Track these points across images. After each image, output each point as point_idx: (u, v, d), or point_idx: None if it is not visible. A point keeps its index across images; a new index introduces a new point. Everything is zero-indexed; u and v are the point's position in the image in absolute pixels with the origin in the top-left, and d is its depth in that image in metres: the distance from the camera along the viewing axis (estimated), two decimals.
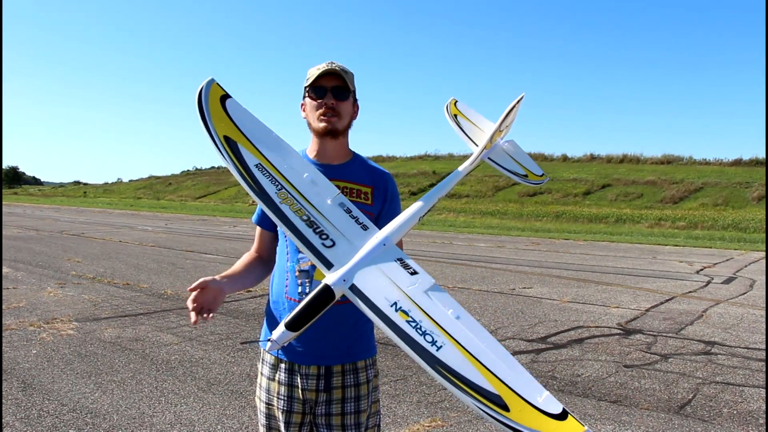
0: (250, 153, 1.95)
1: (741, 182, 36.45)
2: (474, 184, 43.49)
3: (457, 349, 1.68)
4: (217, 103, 1.98)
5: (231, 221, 30.72)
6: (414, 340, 1.69)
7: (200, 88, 1.98)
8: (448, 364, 1.64)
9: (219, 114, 1.97)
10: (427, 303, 1.77)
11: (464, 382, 1.62)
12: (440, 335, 1.70)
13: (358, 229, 1.92)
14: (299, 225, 1.88)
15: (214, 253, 14.66)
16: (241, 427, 4.02)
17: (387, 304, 1.76)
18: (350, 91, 2.10)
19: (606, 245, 20.66)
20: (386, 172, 2.23)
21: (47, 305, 7.76)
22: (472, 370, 1.64)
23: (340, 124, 2.09)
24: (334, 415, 2.08)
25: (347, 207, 1.95)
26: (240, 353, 5.75)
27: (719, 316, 8.23)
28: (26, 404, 4.32)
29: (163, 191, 64.70)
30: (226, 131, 1.95)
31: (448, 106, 2.58)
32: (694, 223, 29.13)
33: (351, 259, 1.85)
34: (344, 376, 2.10)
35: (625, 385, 5.13)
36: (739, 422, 4.36)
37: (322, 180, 1.98)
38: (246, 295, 8.81)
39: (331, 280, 1.82)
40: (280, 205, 1.90)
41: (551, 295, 9.53)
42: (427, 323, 1.72)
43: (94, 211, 39.12)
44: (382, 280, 1.82)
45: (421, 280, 1.84)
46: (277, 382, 2.12)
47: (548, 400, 1.60)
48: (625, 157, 47.23)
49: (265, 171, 1.93)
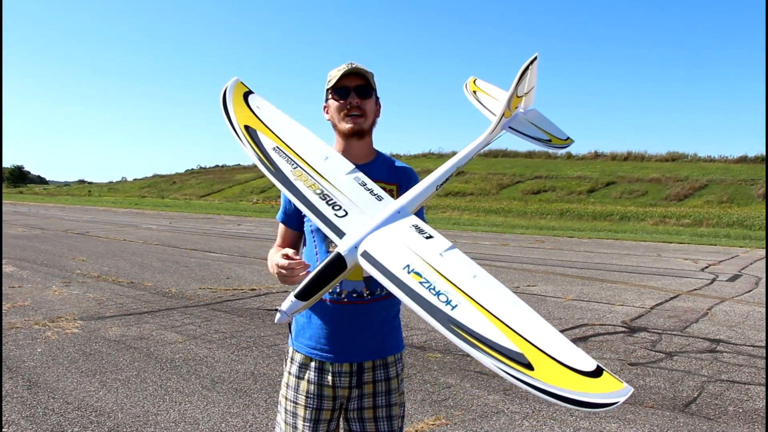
0: (268, 138, 2.04)
1: (746, 179, 36.31)
2: (478, 182, 43.43)
3: (474, 307, 1.58)
4: (240, 98, 2.12)
5: (235, 219, 30.76)
6: (426, 300, 1.61)
7: (225, 87, 2.12)
8: (464, 323, 1.54)
9: (240, 107, 2.10)
10: (442, 263, 1.72)
11: (482, 340, 1.51)
12: (456, 294, 1.62)
13: (372, 199, 1.92)
14: (312, 198, 1.91)
15: (219, 251, 14.68)
16: (245, 425, 4.02)
17: (399, 267, 1.70)
18: (373, 89, 2.11)
19: (610, 243, 20.60)
20: (409, 168, 2.24)
21: (52, 304, 7.78)
22: (491, 328, 1.53)
23: (366, 124, 2.11)
24: (366, 408, 2.12)
25: (362, 180, 1.96)
26: (244, 351, 5.76)
27: (724, 313, 8.20)
28: (31, 402, 4.33)
29: (168, 190, 64.83)
30: (246, 121, 2.07)
31: (468, 84, 2.56)
32: (699, 220, 29.02)
33: (363, 227, 1.83)
34: (375, 371, 2.13)
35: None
36: (745, 420, 4.34)
37: (335, 156, 2.03)
38: (250, 294, 8.82)
39: (342, 248, 1.79)
40: (294, 182, 1.94)
41: (555, 293, 9.51)
42: (441, 283, 1.65)
43: (98, 210, 39.22)
44: (394, 244, 1.78)
45: (437, 242, 1.80)
46: (307, 381, 2.12)
47: (580, 357, 1.47)
48: (630, 155, 47.10)
49: (281, 152, 2.01)
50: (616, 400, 1.39)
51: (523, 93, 2.24)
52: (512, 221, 31.19)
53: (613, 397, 1.39)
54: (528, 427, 4.11)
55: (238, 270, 11.35)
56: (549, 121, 2.37)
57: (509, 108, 2.20)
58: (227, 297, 8.56)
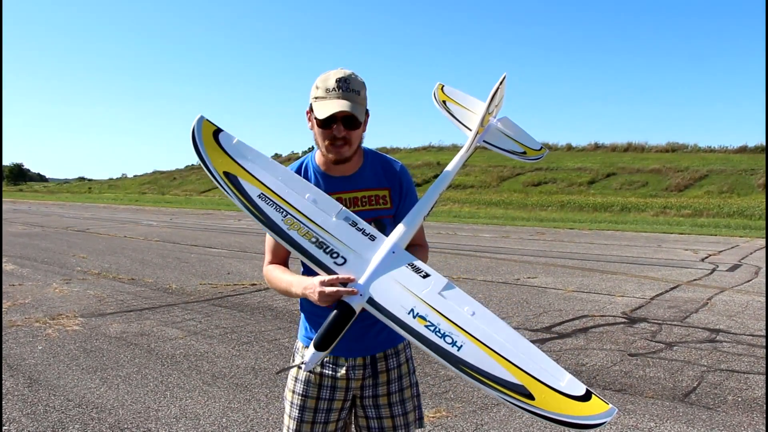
0: (251, 184, 1.97)
1: (746, 169, 36.25)
2: (478, 175, 43.39)
3: (477, 346, 1.74)
4: (211, 138, 2.01)
5: (236, 215, 30.74)
6: (435, 344, 1.75)
7: (192, 128, 2.00)
8: (471, 362, 1.71)
9: (214, 150, 2.00)
10: (443, 304, 1.83)
11: (488, 377, 1.69)
12: (459, 335, 1.76)
13: (366, 240, 1.95)
14: (310, 248, 1.91)
15: (219, 247, 14.69)
16: (246, 420, 4.04)
17: (404, 311, 1.82)
18: (360, 120, 1.99)
19: (611, 234, 20.61)
20: (398, 164, 2.20)
21: (53, 301, 7.79)
22: (494, 364, 1.71)
23: (350, 152, 2.03)
24: (381, 396, 2.16)
25: (352, 220, 1.98)
26: (245, 347, 5.77)
27: (724, 303, 8.20)
28: (32, 400, 4.34)
29: (168, 186, 64.81)
30: (224, 167, 1.98)
31: (435, 93, 2.53)
32: (699, 210, 29.00)
33: (364, 273, 1.89)
34: (387, 360, 2.17)
35: (630, 373, 5.12)
36: (744, 409, 4.35)
37: (323, 198, 2.00)
38: (251, 289, 8.84)
39: (347, 298, 1.86)
40: (288, 231, 1.93)
41: (556, 285, 9.52)
42: (445, 325, 1.79)
43: (99, 207, 39.24)
44: (396, 288, 1.87)
45: (434, 282, 1.89)
46: (320, 374, 2.14)
47: (571, 383, 1.67)
48: (630, 146, 47.00)
49: (268, 200, 1.96)
50: (604, 420, 1.61)
51: (494, 107, 2.34)
52: (513, 213, 31.19)
53: (601, 418, 1.61)
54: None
55: (239, 265, 11.36)
56: (521, 129, 2.45)
57: (482, 125, 2.30)
58: (228, 292, 8.57)
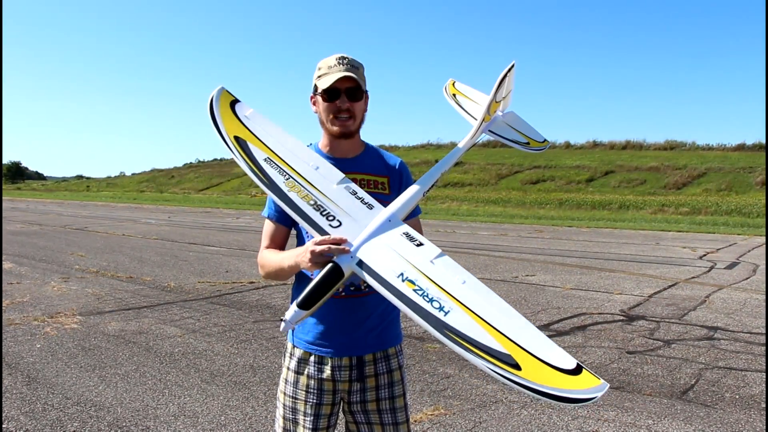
0: (259, 149, 2.07)
1: (744, 167, 36.32)
2: (477, 173, 43.41)
3: (465, 313, 1.70)
4: (227, 107, 2.12)
5: (234, 213, 30.74)
6: (421, 307, 1.72)
7: (211, 96, 2.11)
8: (456, 328, 1.67)
9: (229, 117, 2.11)
10: (433, 271, 1.82)
11: (473, 344, 1.64)
12: (447, 300, 1.73)
13: (363, 208, 1.98)
14: (307, 209, 1.96)
15: (218, 245, 14.68)
16: (244, 418, 4.04)
17: (394, 275, 1.81)
18: (363, 90, 2.09)
19: (609, 232, 20.63)
20: (398, 159, 2.26)
21: (51, 299, 7.79)
22: (481, 331, 1.66)
23: (354, 126, 2.10)
24: (370, 401, 2.13)
25: (352, 189, 2.02)
26: (243, 344, 5.77)
27: (722, 301, 8.22)
28: (31, 398, 4.34)
29: (166, 184, 64.76)
30: (236, 132, 2.08)
31: (447, 87, 2.62)
32: (697, 208, 29.04)
33: (357, 237, 1.91)
34: (376, 364, 2.14)
35: (628, 371, 5.13)
36: (741, 406, 4.36)
37: (326, 167, 2.06)
38: (249, 287, 8.83)
39: (338, 258, 1.86)
40: (288, 193, 1.99)
41: (554, 283, 9.52)
42: (433, 290, 1.76)
43: (97, 205, 39.20)
44: (388, 253, 1.87)
45: (427, 250, 1.89)
46: (306, 375, 2.12)
47: (561, 356, 1.61)
48: (628, 144, 47.07)
49: (273, 164, 2.04)
50: (594, 395, 1.52)
51: (501, 98, 2.36)
52: (511, 211, 31.20)
53: (592, 393, 1.53)
54: (526, 416, 4.12)
55: (237, 263, 11.35)
56: (526, 123, 2.50)
57: (488, 113, 2.32)
58: (226, 290, 8.57)
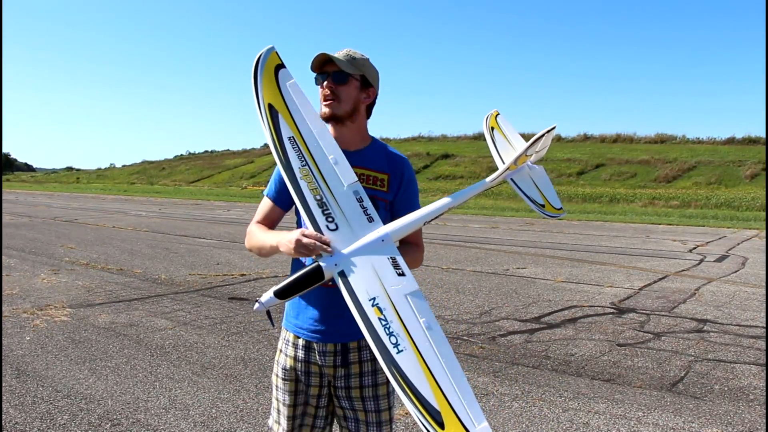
0: (287, 125, 2.05)
1: (734, 160, 36.55)
2: (468, 165, 43.44)
3: (416, 357, 1.75)
4: (272, 71, 2.08)
5: (225, 205, 30.65)
6: (379, 338, 1.77)
7: (259, 55, 2.07)
8: (403, 369, 1.72)
9: (270, 81, 2.07)
10: (404, 307, 1.84)
11: (412, 389, 1.70)
12: (405, 340, 1.77)
13: (363, 219, 1.98)
14: (311, 203, 1.97)
15: (209, 237, 14.63)
16: (235, 410, 4.03)
17: (366, 297, 1.84)
18: (347, 74, 2.08)
19: (600, 225, 20.73)
20: (403, 157, 2.23)
21: (41, 292, 7.74)
22: (423, 381, 1.71)
23: (340, 110, 2.09)
24: (353, 388, 2.17)
25: (360, 196, 2.00)
26: (234, 337, 5.76)
27: (712, 294, 8.28)
28: (20, 391, 4.31)
29: (157, 176, 64.44)
30: (271, 99, 2.06)
31: (488, 118, 2.53)
32: (687, 201, 29.24)
33: (348, 247, 1.92)
34: (360, 351, 2.16)
35: (618, 363, 5.16)
36: (730, 398, 4.40)
37: (344, 164, 2.03)
38: (240, 279, 8.81)
39: (323, 261, 1.89)
40: (299, 179, 1.99)
41: (545, 275, 9.56)
42: (396, 325, 1.80)
43: (87, 197, 38.95)
44: (369, 273, 1.89)
45: (406, 282, 1.90)
46: (294, 358, 2.20)
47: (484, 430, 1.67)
48: (619, 137, 47.28)
49: (295, 145, 2.03)
50: None
51: (534, 152, 2.31)
52: (502, 204, 31.29)
53: None
54: (518, 408, 4.14)
55: (228, 255, 11.32)
56: (549, 184, 2.40)
57: (516, 163, 2.28)
58: (217, 283, 8.54)
